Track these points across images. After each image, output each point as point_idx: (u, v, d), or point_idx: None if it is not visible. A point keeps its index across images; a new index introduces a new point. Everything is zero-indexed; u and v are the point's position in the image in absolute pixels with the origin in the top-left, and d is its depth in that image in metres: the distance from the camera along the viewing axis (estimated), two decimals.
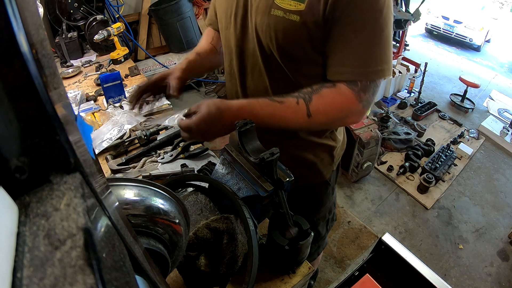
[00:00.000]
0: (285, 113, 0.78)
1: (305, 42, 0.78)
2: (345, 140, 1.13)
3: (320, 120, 0.79)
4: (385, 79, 0.78)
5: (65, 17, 2.25)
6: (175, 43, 3.45)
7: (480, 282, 2.05)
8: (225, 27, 0.91)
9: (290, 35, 0.77)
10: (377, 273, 1.06)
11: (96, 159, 0.36)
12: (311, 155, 1.01)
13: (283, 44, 0.79)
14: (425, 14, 5.56)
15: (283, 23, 0.76)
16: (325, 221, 1.21)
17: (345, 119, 0.83)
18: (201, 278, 0.74)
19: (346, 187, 2.66)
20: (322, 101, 0.77)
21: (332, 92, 0.77)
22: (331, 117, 0.80)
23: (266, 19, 0.78)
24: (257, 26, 0.81)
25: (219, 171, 0.88)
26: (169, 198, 0.53)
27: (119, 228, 0.31)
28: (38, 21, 0.27)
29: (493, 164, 3.01)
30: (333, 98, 0.77)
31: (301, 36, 0.77)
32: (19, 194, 0.24)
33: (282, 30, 0.77)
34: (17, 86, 0.22)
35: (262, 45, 0.83)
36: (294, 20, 0.75)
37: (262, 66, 0.86)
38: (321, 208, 1.16)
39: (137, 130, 1.33)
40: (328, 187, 1.12)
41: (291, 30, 0.76)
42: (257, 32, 0.82)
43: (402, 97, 3.74)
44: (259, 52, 0.84)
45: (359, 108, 0.78)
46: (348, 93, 0.76)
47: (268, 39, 0.80)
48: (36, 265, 0.20)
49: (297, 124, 0.80)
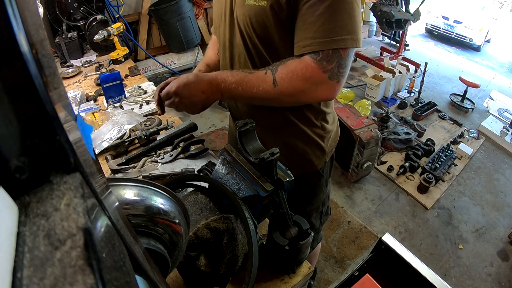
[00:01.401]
0: (252, 81, 0.84)
1: (276, 25, 0.84)
2: (338, 133, 1.17)
3: (286, 89, 0.82)
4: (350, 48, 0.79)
5: (65, 17, 2.25)
6: (175, 43, 3.45)
7: (480, 282, 2.05)
8: (218, 26, 1.02)
9: (261, 20, 0.84)
10: (377, 273, 1.06)
11: (96, 159, 0.36)
12: (301, 143, 1.05)
13: (257, 29, 0.87)
14: (425, 14, 5.56)
15: (255, 10, 0.84)
16: (318, 213, 1.24)
17: (313, 92, 0.82)
18: (201, 278, 0.74)
19: (346, 187, 2.66)
20: (286, 69, 0.82)
21: (295, 62, 0.82)
22: (296, 86, 0.81)
23: (242, 10, 0.87)
24: (238, 17, 0.90)
25: (219, 171, 0.88)
26: (169, 198, 0.53)
27: (119, 228, 0.31)
28: (38, 21, 0.27)
29: (493, 164, 3.01)
30: (295, 66, 0.81)
31: (270, 19, 0.83)
32: (19, 194, 0.24)
33: (254, 16, 0.85)
34: (17, 86, 0.22)
35: (243, 34, 0.91)
36: (262, 5, 0.82)
37: (246, 55, 0.94)
38: (314, 199, 1.19)
39: (137, 130, 1.33)
40: (321, 179, 1.15)
41: (261, 15, 0.84)
42: (238, 24, 0.91)
43: (402, 97, 3.75)
44: (242, 41, 0.92)
45: (325, 79, 0.79)
46: (309, 61, 0.79)
47: (246, 27, 0.88)
48: (36, 265, 0.20)
49: (265, 93, 0.84)
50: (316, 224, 1.26)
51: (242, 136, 0.77)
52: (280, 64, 0.83)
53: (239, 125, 0.76)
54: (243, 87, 0.84)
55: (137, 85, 1.71)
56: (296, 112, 1.01)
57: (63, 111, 0.26)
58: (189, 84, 0.86)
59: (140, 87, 1.69)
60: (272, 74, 0.83)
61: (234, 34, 0.95)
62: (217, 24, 1.02)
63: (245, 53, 0.94)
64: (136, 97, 1.60)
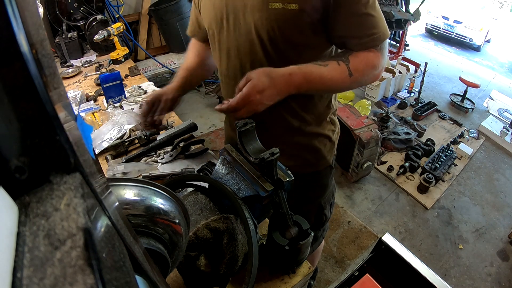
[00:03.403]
0: (331, 74, 0.85)
1: (306, 28, 0.84)
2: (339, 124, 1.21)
3: (361, 77, 0.89)
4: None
5: (65, 17, 2.25)
6: (175, 43, 3.45)
7: (480, 282, 2.04)
8: (217, 32, 0.95)
9: (291, 23, 0.83)
10: (377, 273, 1.06)
11: (96, 159, 0.36)
12: (316, 141, 1.07)
13: (286, 33, 0.84)
14: (425, 14, 5.56)
15: (283, 14, 0.81)
16: (329, 204, 1.26)
17: (377, 76, 0.93)
18: (201, 278, 0.74)
19: (346, 187, 2.66)
20: (358, 60, 0.87)
21: (363, 53, 0.88)
22: (366, 73, 0.89)
23: (265, 14, 0.83)
24: (255, 22, 0.85)
25: (219, 171, 0.88)
26: (169, 198, 0.53)
27: (119, 228, 0.31)
28: (38, 21, 0.27)
29: (493, 164, 3.01)
30: (366, 56, 0.88)
31: (301, 23, 0.82)
32: (19, 194, 0.24)
33: (283, 20, 0.82)
34: (17, 86, 0.22)
35: (262, 39, 0.87)
36: (293, 9, 0.80)
37: (264, 60, 0.90)
38: (326, 191, 1.21)
39: (137, 130, 1.33)
40: (331, 171, 1.19)
41: (291, 19, 0.82)
42: (255, 29, 0.86)
43: (402, 97, 3.74)
44: (261, 47, 0.88)
45: (383, 64, 0.91)
46: (376, 52, 0.89)
47: (271, 32, 0.85)
48: (36, 265, 0.20)
49: (342, 84, 0.89)
50: (328, 216, 1.28)
51: (242, 136, 0.77)
52: (348, 55, 0.87)
53: (239, 125, 0.76)
54: (322, 81, 0.85)
55: (137, 85, 1.71)
56: (313, 113, 1.03)
57: (63, 111, 0.26)
58: (265, 89, 0.79)
59: (140, 87, 1.69)
60: (346, 65, 0.86)
61: (241, 40, 0.90)
62: (215, 30, 0.95)
63: (263, 60, 0.89)
64: (136, 97, 1.60)
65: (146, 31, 3.41)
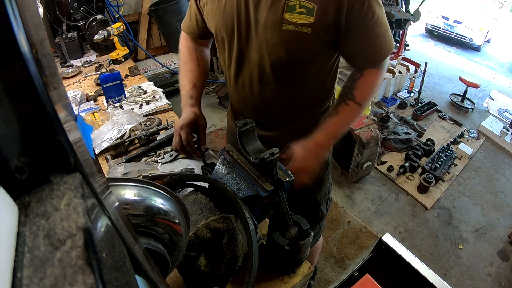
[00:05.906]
0: (346, 117, 0.96)
1: (317, 48, 0.89)
2: None
3: (366, 102, 0.97)
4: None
5: (65, 17, 2.25)
6: (175, 43, 3.44)
7: (480, 282, 2.04)
8: (227, 40, 0.96)
9: (303, 45, 0.86)
10: (377, 273, 1.06)
11: (96, 159, 0.36)
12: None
13: (297, 53, 0.89)
14: (425, 14, 5.55)
15: (296, 36, 0.84)
16: (325, 200, 1.27)
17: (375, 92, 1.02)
18: (201, 278, 0.74)
19: (346, 187, 2.66)
20: (362, 90, 0.95)
21: (365, 77, 0.95)
22: (370, 96, 0.98)
23: (277, 34, 0.85)
24: (267, 40, 0.88)
25: (219, 171, 0.88)
26: (169, 198, 0.53)
27: (119, 228, 0.31)
28: (38, 21, 0.27)
29: (493, 164, 3.01)
30: (369, 81, 0.95)
31: (313, 44, 0.87)
32: (19, 194, 0.24)
33: (296, 42, 0.86)
34: (17, 86, 0.22)
35: (271, 56, 0.90)
36: (306, 32, 0.83)
37: (270, 75, 0.94)
38: (323, 187, 1.23)
39: (137, 130, 1.33)
40: (328, 167, 1.21)
41: (304, 41, 0.85)
42: (266, 46, 0.89)
43: (402, 97, 3.74)
44: (269, 63, 0.91)
45: (382, 79, 0.98)
46: (375, 71, 0.95)
47: (282, 51, 0.88)
48: (36, 265, 0.20)
49: (357, 116, 0.98)
50: (324, 212, 1.29)
51: (242, 136, 0.77)
52: (351, 88, 0.95)
53: (239, 125, 0.76)
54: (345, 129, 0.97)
55: (137, 85, 1.71)
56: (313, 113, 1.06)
57: (63, 111, 0.26)
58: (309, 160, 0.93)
59: (140, 87, 1.69)
60: (353, 101, 0.94)
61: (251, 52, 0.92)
62: (225, 37, 0.95)
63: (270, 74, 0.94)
64: (136, 97, 1.60)
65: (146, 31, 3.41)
